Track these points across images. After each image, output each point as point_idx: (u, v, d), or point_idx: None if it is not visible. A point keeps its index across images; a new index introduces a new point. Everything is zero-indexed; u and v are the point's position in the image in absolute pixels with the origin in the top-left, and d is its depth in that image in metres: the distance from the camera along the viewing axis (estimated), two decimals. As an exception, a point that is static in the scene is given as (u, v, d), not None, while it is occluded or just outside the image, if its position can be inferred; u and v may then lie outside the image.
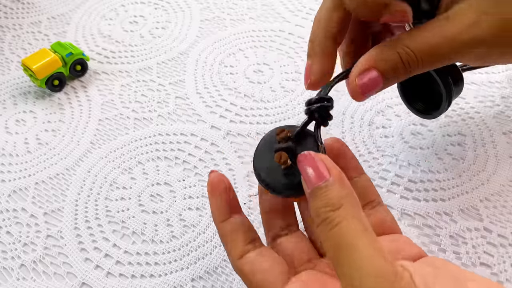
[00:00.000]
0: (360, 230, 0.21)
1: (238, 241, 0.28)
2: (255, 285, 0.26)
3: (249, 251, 0.27)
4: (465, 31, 0.26)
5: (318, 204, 0.22)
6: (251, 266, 0.26)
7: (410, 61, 0.26)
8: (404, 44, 0.26)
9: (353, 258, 0.20)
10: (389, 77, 0.27)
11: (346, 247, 0.20)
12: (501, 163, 0.39)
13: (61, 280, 0.35)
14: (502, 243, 0.34)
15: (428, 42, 0.26)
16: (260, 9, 0.56)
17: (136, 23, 0.56)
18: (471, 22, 0.26)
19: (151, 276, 0.35)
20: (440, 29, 0.26)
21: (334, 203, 0.22)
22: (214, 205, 0.29)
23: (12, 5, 0.59)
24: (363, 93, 0.27)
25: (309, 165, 0.23)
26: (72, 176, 0.42)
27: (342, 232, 0.21)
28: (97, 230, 0.38)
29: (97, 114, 0.46)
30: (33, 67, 0.46)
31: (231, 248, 0.28)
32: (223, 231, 0.28)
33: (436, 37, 0.26)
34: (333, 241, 0.21)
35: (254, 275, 0.26)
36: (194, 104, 0.46)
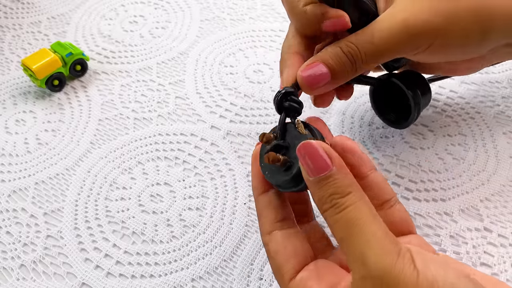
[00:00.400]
0: (368, 213, 0.23)
1: (269, 217, 0.28)
2: (274, 265, 0.27)
3: (277, 229, 0.28)
4: (398, 22, 0.28)
5: (325, 193, 0.23)
6: (275, 246, 0.27)
7: (353, 54, 0.29)
8: (347, 39, 0.29)
9: (362, 237, 0.22)
10: (336, 71, 0.29)
11: (355, 227, 0.22)
12: (501, 163, 0.39)
13: (61, 280, 0.35)
14: (503, 243, 0.34)
15: (366, 34, 0.28)
16: (260, 9, 0.56)
17: (136, 23, 0.56)
18: (402, 10, 0.28)
19: (151, 276, 0.35)
20: (377, 24, 0.29)
21: (342, 191, 0.23)
22: (255, 175, 0.29)
23: (12, 5, 0.59)
24: (309, 85, 0.29)
25: (309, 155, 0.24)
26: (72, 176, 0.42)
27: (351, 215, 0.22)
28: (97, 230, 0.38)
29: (97, 114, 0.46)
30: (33, 67, 0.46)
31: (262, 223, 0.28)
32: (259, 204, 0.29)
33: (375, 30, 0.28)
34: (342, 223, 0.22)
35: (276, 255, 0.27)
36: (194, 104, 0.46)
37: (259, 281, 0.34)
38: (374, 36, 0.28)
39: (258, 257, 0.35)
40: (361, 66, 0.29)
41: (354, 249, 0.22)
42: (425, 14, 0.28)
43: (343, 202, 0.23)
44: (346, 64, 0.29)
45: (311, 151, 0.24)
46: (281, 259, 0.27)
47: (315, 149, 0.24)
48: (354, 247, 0.22)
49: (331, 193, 0.23)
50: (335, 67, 0.29)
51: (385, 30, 0.28)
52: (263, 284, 0.34)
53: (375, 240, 0.22)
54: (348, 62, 0.29)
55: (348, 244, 0.22)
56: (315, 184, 0.24)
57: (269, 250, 0.27)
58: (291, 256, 0.27)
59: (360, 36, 0.29)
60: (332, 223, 0.23)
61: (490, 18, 0.29)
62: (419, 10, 0.28)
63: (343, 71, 0.29)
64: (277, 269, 0.27)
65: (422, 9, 0.28)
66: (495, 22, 0.29)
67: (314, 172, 0.24)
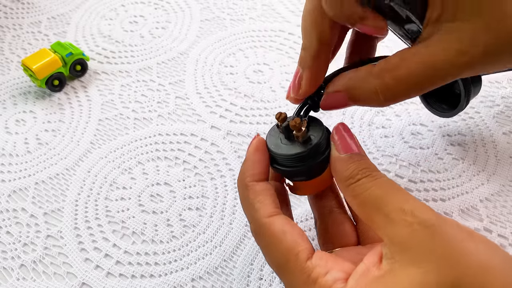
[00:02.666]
0: (399, 186, 0.24)
1: (268, 201, 0.27)
2: (283, 246, 0.25)
3: (278, 214, 0.26)
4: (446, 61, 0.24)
5: (358, 166, 0.25)
6: (282, 226, 0.25)
7: (386, 93, 0.26)
8: (383, 73, 0.25)
9: (403, 195, 0.23)
10: (357, 103, 0.28)
11: (393, 189, 0.23)
12: (501, 163, 0.39)
13: (61, 280, 0.35)
14: (502, 243, 0.34)
15: (406, 76, 0.25)
16: (260, 9, 0.56)
17: (136, 23, 0.56)
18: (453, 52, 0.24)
19: (151, 276, 0.35)
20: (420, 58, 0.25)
21: (374, 167, 0.25)
22: (254, 162, 0.28)
23: (12, 5, 0.59)
24: (325, 109, 0.29)
25: (344, 134, 0.26)
26: (72, 176, 0.42)
27: (387, 182, 0.24)
28: (97, 230, 0.38)
29: (97, 114, 0.46)
30: (33, 67, 0.46)
31: (260, 205, 0.26)
32: (255, 189, 0.27)
33: (418, 68, 0.25)
34: (379, 186, 0.23)
35: (285, 235, 0.25)
36: (194, 104, 0.46)
37: (259, 281, 0.34)
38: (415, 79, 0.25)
39: (258, 257, 0.35)
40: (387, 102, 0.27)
41: (396, 204, 0.22)
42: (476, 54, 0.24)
43: (376, 173, 0.24)
44: (373, 99, 0.27)
45: (343, 133, 0.26)
46: (293, 237, 0.25)
47: (348, 132, 0.26)
48: (395, 203, 0.22)
49: (365, 167, 0.25)
50: (359, 101, 0.27)
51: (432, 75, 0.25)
52: (263, 284, 0.34)
53: (416, 200, 0.23)
54: (376, 98, 0.26)
55: (388, 201, 0.23)
56: (347, 159, 0.25)
57: (273, 232, 0.25)
58: (303, 236, 0.25)
59: (396, 77, 0.25)
60: (368, 187, 0.24)
61: None
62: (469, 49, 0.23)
63: (365, 103, 0.28)
64: (288, 251, 0.24)
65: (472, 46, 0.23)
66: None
67: (348, 149, 0.26)
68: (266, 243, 0.26)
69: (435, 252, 0.20)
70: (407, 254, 0.21)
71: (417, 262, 0.20)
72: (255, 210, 0.26)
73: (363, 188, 0.24)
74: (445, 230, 0.21)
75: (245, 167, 0.28)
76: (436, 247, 0.20)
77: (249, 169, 0.28)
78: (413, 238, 0.21)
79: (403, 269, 0.21)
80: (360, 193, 0.24)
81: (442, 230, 0.21)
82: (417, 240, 0.21)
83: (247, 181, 0.28)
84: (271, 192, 0.27)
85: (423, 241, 0.21)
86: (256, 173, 0.28)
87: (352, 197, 0.24)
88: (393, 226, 0.22)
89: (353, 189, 0.24)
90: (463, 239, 0.20)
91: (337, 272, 0.23)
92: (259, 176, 0.28)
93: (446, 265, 0.20)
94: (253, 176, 0.28)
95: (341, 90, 0.27)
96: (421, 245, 0.21)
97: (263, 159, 0.28)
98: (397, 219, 0.22)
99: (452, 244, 0.20)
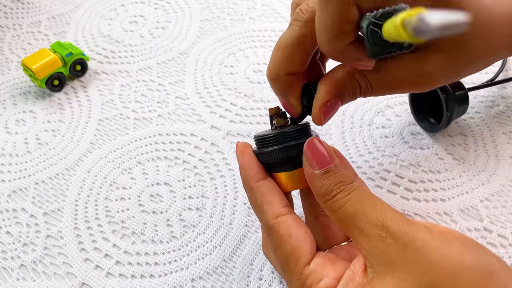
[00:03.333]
0: (373, 194, 0.25)
1: (275, 201, 0.28)
2: (287, 248, 0.26)
3: (286, 213, 0.27)
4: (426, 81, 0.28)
5: (332, 182, 0.25)
6: (288, 229, 0.27)
7: (367, 90, 0.28)
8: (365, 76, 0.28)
9: (377, 208, 0.23)
10: (347, 101, 0.29)
11: (368, 202, 0.24)
12: (501, 163, 0.39)
13: (61, 280, 0.35)
14: (502, 243, 0.34)
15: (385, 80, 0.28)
16: (260, 9, 0.56)
17: (136, 23, 0.56)
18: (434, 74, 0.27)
19: (151, 276, 0.35)
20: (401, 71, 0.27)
21: (348, 180, 0.25)
22: (249, 164, 0.29)
23: (12, 5, 0.59)
24: (325, 120, 0.29)
25: (314, 151, 0.26)
26: (72, 176, 0.42)
27: (362, 194, 0.24)
28: (97, 230, 0.38)
29: (97, 114, 0.46)
30: (33, 67, 0.46)
31: (268, 207, 0.28)
32: (261, 190, 0.28)
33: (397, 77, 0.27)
34: (354, 201, 0.24)
35: (290, 238, 0.26)
36: (194, 104, 0.46)
37: (259, 281, 0.34)
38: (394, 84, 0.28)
39: (258, 257, 0.35)
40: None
41: (371, 218, 0.23)
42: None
43: (351, 186, 0.25)
44: (357, 96, 0.29)
45: (316, 147, 0.26)
46: (298, 241, 0.26)
47: (320, 146, 0.26)
48: (370, 216, 0.23)
49: (340, 180, 0.25)
50: (348, 100, 0.29)
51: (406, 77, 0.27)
52: (263, 284, 0.34)
53: (389, 209, 0.23)
54: (360, 96, 0.29)
55: (363, 215, 0.23)
56: (321, 176, 0.25)
57: (280, 234, 0.27)
58: (307, 240, 0.26)
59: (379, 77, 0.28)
60: (342, 203, 0.24)
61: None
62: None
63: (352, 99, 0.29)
64: (291, 253, 0.26)
65: None
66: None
67: (320, 165, 0.26)
68: (273, 242, 0.27)
69: (408, 262, 0.22)
70: (383, 266, 0.22)
71: (392, 272, 0.22)
72: (264, 212, 0.28)
73: (338, 204, 0.25)
74: (416, 239, 0.22)
75: (244, 172, 0.29)
76: (408, 258, 0.22)
77: (248, 171, 0.29)
78: (387, 251, 0.22)
79: (381, 278, 0.22)
80: (336, 209, 0.25)
81: (414, 240, 0.22)
82: (390, 253, 0.22)
83: (251, 183, 0.29)
84: (277, 190, 0.29)
85: (396, 254, 0.22)
86: (256, 173, 0.29)
87: (330, 212, 0.25)
88: (367, 240, 0.23)
89: (330, 206, 0.25)
90: (435, 245, 0.22)
91: (329, 280, 0.25)
92: (259, 175, 0.29)
93: (420, 272, 0.21)
94: (254, 176, 0.29)
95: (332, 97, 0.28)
96: (395, 257, 0.22)
97: (253, 158, 0.29)
98: (371, 234, 0.23)
99: (423, 255, 0.22)
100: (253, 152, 0.30)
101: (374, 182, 0.39)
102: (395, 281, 0.22)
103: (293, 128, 0.28)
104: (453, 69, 0.28)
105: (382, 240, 0.22)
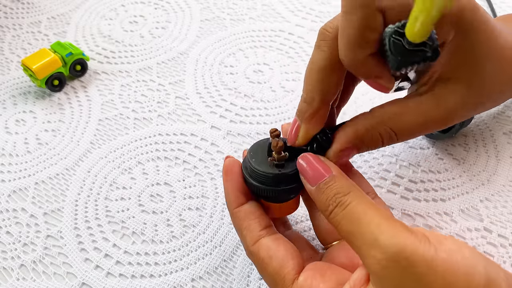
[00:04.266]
0: (371, 205, 0.23)
1: (253, 227, 0.28)
2: (271, 270, 0.26)
3: (264, 236, 0.28)
4: (450, 114, 0.28)
5: (328, 195, 0.24)
6: (267, 252, 0.27)
7: (390, 140, 0.28)
8: (386, 125, 0.28)
9: (372, 225, 0.22)
10: (363, 151, 0.29)
11: (363, 218, 0.23)
12: (501, 163, 0.39)
13: (61, 280, 0.35)
14: (502, 243, 0.34)
15: (411, 124, 0.28)
16: (260, 9, 0.56)
17: (136, 23, 0.56)
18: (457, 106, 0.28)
19: (151, 276, 0.35)
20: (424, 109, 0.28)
21: (344, 190, 0.24)
22: (230, 190, 0.29)
23: (12, 5, 0.59)
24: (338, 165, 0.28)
25: (309, 165, 0.26)
26: (72, 176, 0.42)
27: (357, 208, 0.23)
28: (97, 230, 0.38)
29: (97, 114, 0.46)
30: (33, 67, 0.46)
31: (247, 233, 0.28)
32: (238, 217, 0.29)
33: (421, 118, 0.27)
34: (350, 217, 0.23)
35: (271, 259, 0.26)
36: (194, 104, 0.46)
37: (259, 281, 0.34)
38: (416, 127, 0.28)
39: (258, 257, 0.35)
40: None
41: (366, 237, 0.22)
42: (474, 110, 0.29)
43: (346, 199, 0.24)
44: (379, 146, 0.28)
45: (309, 161, 0.26)
46: (278, 261, 0.26)
47: (314, 159, 0.26)
48: (365, 236, 0.22)
49: (334, 193, 0.24)
50: (365, 150, 0.28)
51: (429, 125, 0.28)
52: (263, 284, 0.34)
53: (386, 224, 0.22)
54: (381, 145, 0.28)
55: (359, 234, 0.23)
56: (318, 191, 0.25)
57: (261, 258, 0.27)
58: (288, 257, 0.26)
59: (402, 125, 0.28)
60: (339, 220, 0.24)
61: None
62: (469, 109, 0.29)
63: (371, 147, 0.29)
64: (275, 274, 0.26)
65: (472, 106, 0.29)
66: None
67: (313, 181, 0.25)
68: (258, 267, 0.28)
69: (405, 284, 0.21)
70: (380, 285, 0.22)
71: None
72: (243, 237, 0.28)
73: (335, 221, 0.24)
74: (417, 265, 0.21)
75: (226, 197, 0.30)
76: (405, 281, 0.21)
77: (228, 198, 0.29)
78: (384, 273, 0.22)
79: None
80: (335, 225, 0.24)
81: (410, 262, 0.21)
82: (387, 275, 0.21)
83: (231, 209, 0.29)
84: (255, 214, 0.29)
85: (393, 277, 0.21)
86: (236, 198, 0.29)
87: (333, 226, 0.25)
88: (366, 260, 0.22)
89: (330, 220, 0.25)
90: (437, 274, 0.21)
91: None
92: (238, 201, 0.29)
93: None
94: (234, 202, 0.29)
95: (349, 146, 0.28)
96: (392, 280, 0.21)
97: (235, 181, 0.29)
98: (368, 255, 0.22)
99: (419, 273, 0.21)
100: (242, 173, 0.29)
101: (374, 182, 0.39)
102: None
103: (294, 171, 0.28)
104: (472, 100, 0.28)
105: (379, 263, 0.22)
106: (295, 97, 0.46)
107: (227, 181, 0.29)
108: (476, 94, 0.28)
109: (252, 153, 0.29)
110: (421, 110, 0.27)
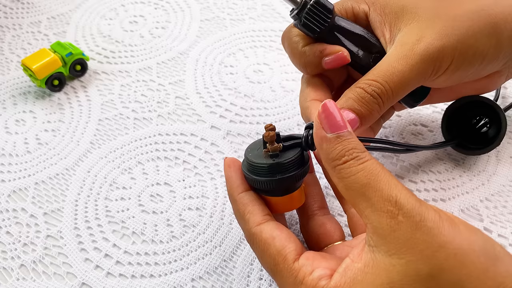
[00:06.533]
0: (386, 169, 0.24)
1: (257, 211, 0.28)
2: (272, 250, 0.26)
3: (267, 220, 0.28)
4: (414, 47, 0.29)
5: (345, 147, 0.24)
6: (270, 233, 0.27)
7: (378, 91, 0.28)
8: (366, 78, 0.29)
9: (391, 182, 0.23)
10: (364, 114, 0.29)
11: (382, 175, 0.23)
12: (501, 163, 0.39)
13: (61, 280, 0.35)
14: (502, 243, 0.34)
15: (386, 68, 0.28)
16: (260, 9, 0.56)
17: (136, 23, 0.56)
18: (417, 38, 0.29)
19: (151, 276, 0.35)
20: (394, 56, 0.29)
21: (361, 148, 0.24)
22: (233, 177, 0.30)
23: (12, 5, 0.59)
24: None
25: (331, 112, 0.25)
26: (72, 176, 0.42)
27: (375, 166, 0.24)
28: (97, 230, 0.38)
29: (97, 114, 0.46)
30: (33, 67, 0.46)
31: (250, 216, 0.28)
32: (242, 202, 0.29)
33: (394, 62, 0.28)
34: (367, 172, 0.23)
35: (273, 240, 0.27)
36: (194, 104, 0.46)
37: (259, 281, 0.34)
38: (395, 67, 0.28)
39: (258, 257, 0.35)
40: (388, 102, 0.29)
41: (384, 193, 0.23)
42: (441, 40, 0.29)
43: (364, 155, 0.24)
44: (373, 104, 0.29)
45: (329, 110, 0.25)
46: (281, 242, 0.26)
47: (335, 109, 0.25)
48: (383, 191, 0.23)
49: (353, 147, 0.24)
50: (362, 111, 0.29)
51: (404, 60, 0.28)
52: (263, 284, 0.34)
53: (402, 187, 0.23)
54: (374, 101, 0.29)
55: (376, 188, 0.23)
56: (333, 140, 0.24)
57: (263, 239, 0.27)
58: (291, 239, 0.27)
59: (379, 72, 0.29)
60: (354, 171, 0.24)
61: (500, 32, 0.30)
62: (434, 36, 0.29)
63: (371, 112, 0.29)
64: (277, 254, 0.26)
65: (436, 35, 0.29)
66: (505, 33, 0.30)
67: (332, 128, 0.25)
68: (258, 249, 0.28)
69: (418, 242, 0.21)
70: (389, 245, 0.22)
71: (399, 253, 0.22)
72: (246, 221, 0.28)
73: (349, 172, 0.24)
74: (427, 220, 0.22)
75: (229, 185, 0.30)
76: (418, 239, 0.21)
77: (232, 184, 0.30)
78: (396, 229, 0.22)
79: (385, 258, 0.22)
80: (346, 177, 0.24)
81: (424, 221, 0.22)
82: (400, 232, 0.22)
83: (234, 195, 0.30)
84: (258, 201, 0.29)
85: (406, 233, 0.22)
86: (239, 185, 0.30)
87: (338, 179, 0.24)
88: (377, 215, 0.22)
89: (339, 172, 0.24)
90: (444, 227, 0.22)
91: (322, 270, 0.24)
92: (242, 187, 0.30)
93: (429, 252, 0.21)
94: (237, 188, 0.30)
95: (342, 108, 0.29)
96: (404, 237, 0.22)
97: (238, 171, 0.30)
98: (382, 209, 0.22)
99: (433, 235, 0.21)
100: (242, 171, 0.30)
101: (374, 182, 0.39)
102: (401, 262, 0.22)
103: (289, 160, 0.28)
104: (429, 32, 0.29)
105: (394, 218, 0.22)
106: (295, 97, 0.46)
107: (230, 171, 0.30)
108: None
109: (249, 149, 0.30)
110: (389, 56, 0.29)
